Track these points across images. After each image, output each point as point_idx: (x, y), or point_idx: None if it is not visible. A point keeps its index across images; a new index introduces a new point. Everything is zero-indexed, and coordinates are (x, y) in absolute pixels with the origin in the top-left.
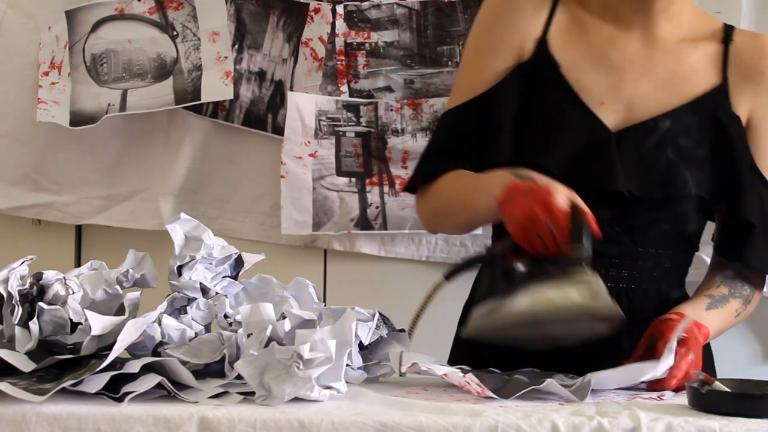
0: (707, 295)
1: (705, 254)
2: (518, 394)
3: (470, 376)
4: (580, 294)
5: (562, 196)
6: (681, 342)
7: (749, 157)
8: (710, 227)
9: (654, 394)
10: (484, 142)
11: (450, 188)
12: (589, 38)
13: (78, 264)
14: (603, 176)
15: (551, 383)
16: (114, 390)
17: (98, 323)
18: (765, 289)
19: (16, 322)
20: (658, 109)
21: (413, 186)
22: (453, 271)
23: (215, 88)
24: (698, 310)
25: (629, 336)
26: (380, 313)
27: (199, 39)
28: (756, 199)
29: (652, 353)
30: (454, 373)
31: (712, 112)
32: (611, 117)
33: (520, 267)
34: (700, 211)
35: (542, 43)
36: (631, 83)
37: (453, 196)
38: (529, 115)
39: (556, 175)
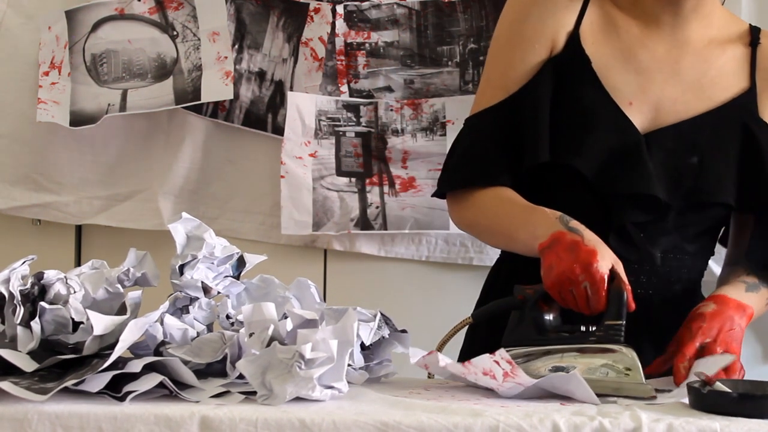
0: (741, 281)
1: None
2: (543, 376)
3: (501, 352)
4: (614, 370)
5: (606, 261)
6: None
7: None
8: None
9: None
10: (521, 142)
11: (493, 212)
12: (619, 35)
13: (78, 264)
14: (638, 180)
15: (575, 375)
16: (116, 389)
17: (100, 323)
18: None
19: (18, 321)
20: (687, 112)
21: (444, 191)
22: (483, 314)
23: (215, 88)
24: (740, 293)
25: (650, 344)
26: (382, 314)
27: (199, 39)
28: None
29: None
30: (481, 360)
31: (740, 117)
32: (639, 118)
33: (551, 317)
34: (724, 218)
35: (574, 37)
36: (658, 85)
37: (495, 222)
38: (560, 109)
39: (590, 178)
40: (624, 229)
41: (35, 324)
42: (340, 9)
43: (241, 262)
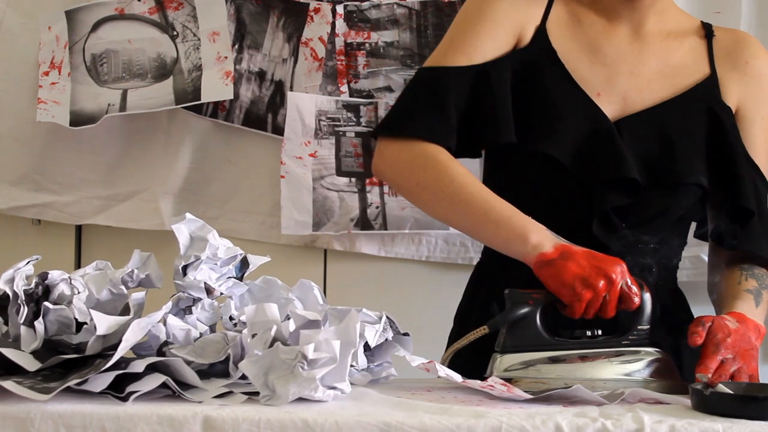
0: (747, 291)
1: (704, 254)
2: (545, 393)
3: (494, 378)
4: (655, 372)
5: (624, 272)
6: (713, 341)
7: (743, 146)
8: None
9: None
10: (478, 117)
11: (450, 179)
12: (584, 31)
13: (78, 264)
14: (615, 165)
15: (579, 388)
16: (119, 389)
17: (103, 323)
18: None
19: (22, 321)
20: (653, 100)
21: (386, 132)
22: (499, 323)
23: (215, 88)
24: (752, 309)
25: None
26: (387, 316)
27: (199, 39)
28: (751, 187)
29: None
30: (474, 383)
31: (704, 102)
32: (608, 108)
33: (567, 322)
34: (699, 206)
35: (541, 32)
36: (624, 76)
37: (453, 191)
38: (526, 101)
39: (564, 164)
40: (606, 217)
41: (39, 324)
42: (340, 9)
43: (244, 264)
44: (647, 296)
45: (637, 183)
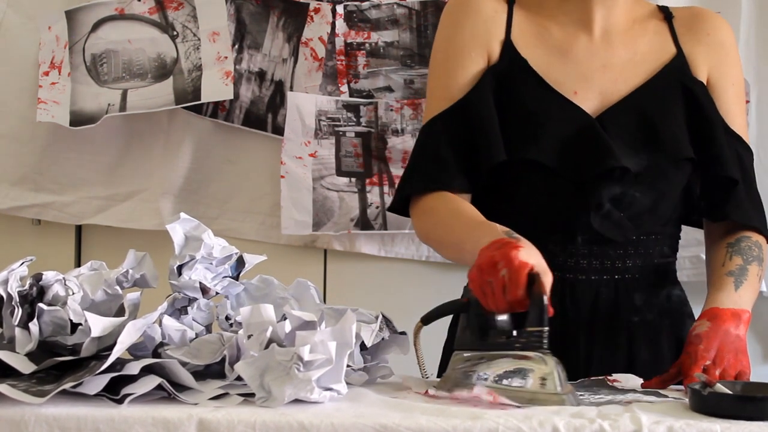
0: (728, 273)
1: (704, 254)
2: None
3: (478, 388)
4: (531, 378)
5: (531, 258)
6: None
7: (720, 117)
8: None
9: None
10: (473, 145)
11: (444, 223)
12: (549, 37)
13: (78, 264)
14: (601, 157)
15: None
16: (114, 391)
17: (98, 325)
18: (764, 288)
19: (16, 323)
20: (628, 89)
21: (400, 206)
22: (430, 317)
23: (215, 88)
24: (731, 295)
25: (643, 335)
26: (383, 316)
27: (199, 39)
28: (734, 156)
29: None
30: (462, 395)
31: (677, 80)
32: (586, 104)
33: (495, 320)
34: (694, 175)
35: (508, 44)
36: (597, 71)
37: (447, 233)
38: (507, 115)
39: (552, 167)
40: (603, 208)
41: (33, 325)
42: (340, 9)
43: (240, 263)
44: (539, 295)
45: (627, 171)
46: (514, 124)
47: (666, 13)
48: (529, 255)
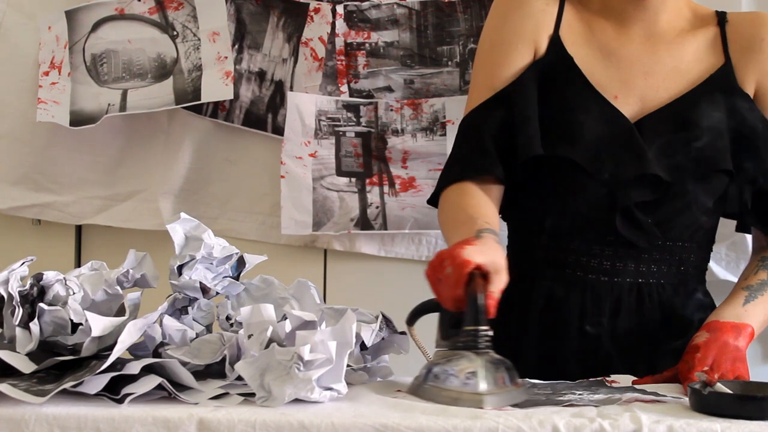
0: (745, 288)
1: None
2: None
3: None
4: (459, 378)
5: (477, 256)
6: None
7: (764, 128)
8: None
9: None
10: (512, 136)
11: (446, 221)
12: (596, 36)
13: (78, 264)
14: (635, 162)
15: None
16: (114, 391)
17: (98, 325)
18: None
19: (17, 323)
20: (670, 97)
21: (440, 185)
22: (411, 316)
23: (215, 88)
24: (736, 309)
25: (666, 336)
26: (384, 315)
27: (199, 39)
28: None
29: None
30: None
31: (721, 90)
32: (626, 109)
33: (454, 316)
34: (729, 187)
35: (556, 40)
36: (640, 77)
37: (445, 232)
38: (547, 110)
39: (585, 167)
40: (630, 211)
41: (34, 325)
42: (340, 9)
43: (240, 263)
44: (473, 294)
45: (659, 178)
46: (553, 120)
47: (720, 19)
48: (479, 253)
